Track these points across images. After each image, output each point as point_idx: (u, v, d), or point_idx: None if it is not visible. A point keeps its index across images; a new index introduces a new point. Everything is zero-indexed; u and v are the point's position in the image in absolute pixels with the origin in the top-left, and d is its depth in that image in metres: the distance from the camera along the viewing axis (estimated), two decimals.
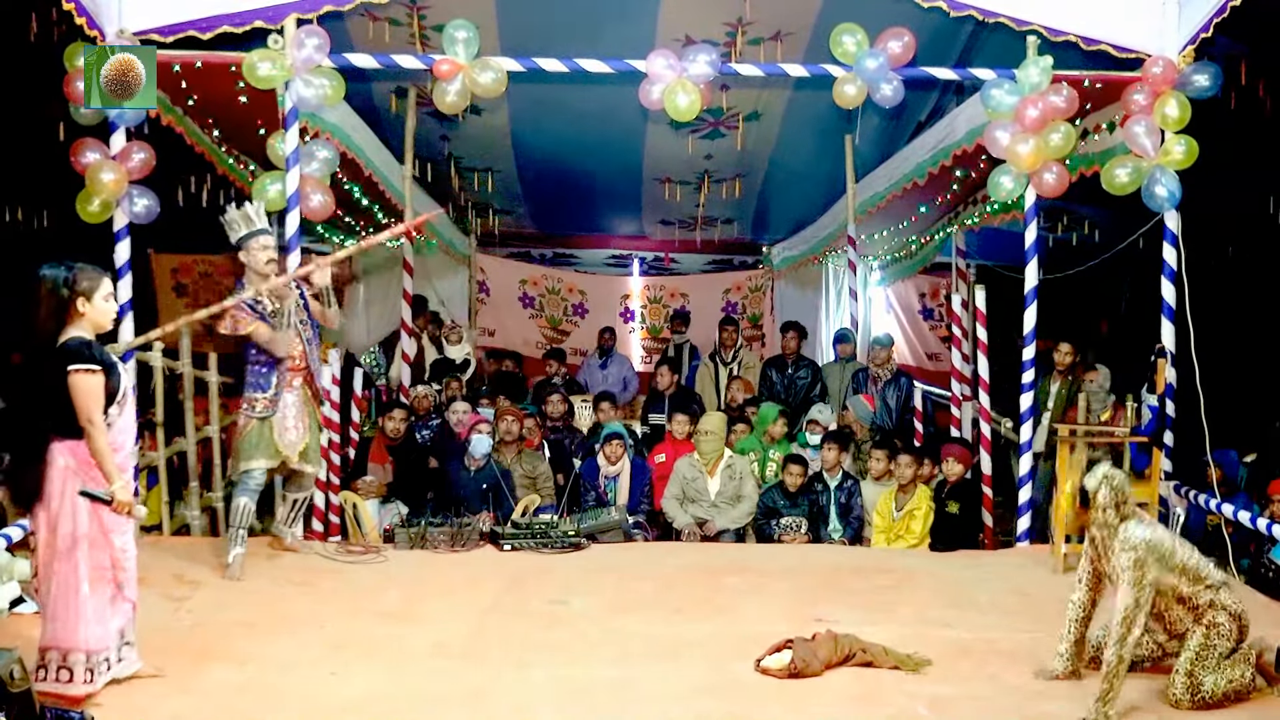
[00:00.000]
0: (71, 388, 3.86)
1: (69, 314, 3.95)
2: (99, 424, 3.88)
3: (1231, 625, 4.33)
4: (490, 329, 13.16)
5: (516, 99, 9.04)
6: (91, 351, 3.92)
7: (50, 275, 3.94)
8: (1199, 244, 6.80)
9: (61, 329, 3.94)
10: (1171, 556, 4.31)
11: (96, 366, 3.90)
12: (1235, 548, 6.48)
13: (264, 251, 5.83)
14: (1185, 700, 4.24)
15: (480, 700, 4.19)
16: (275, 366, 5.90)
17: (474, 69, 6.54)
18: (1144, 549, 4.25)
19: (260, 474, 5.92)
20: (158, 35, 6.34)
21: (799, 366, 9.31)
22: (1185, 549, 4.39)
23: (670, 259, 14.33)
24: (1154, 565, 4.26)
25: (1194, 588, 4.33)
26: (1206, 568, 4.39)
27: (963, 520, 6.95)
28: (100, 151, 6.41)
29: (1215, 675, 4.27)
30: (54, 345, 3.90)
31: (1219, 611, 4.34)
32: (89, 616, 3.98)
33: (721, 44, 8.19)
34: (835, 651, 4.52)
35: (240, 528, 5.81)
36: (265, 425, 5.89)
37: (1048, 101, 6.45)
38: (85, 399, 3.86)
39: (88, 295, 3.97)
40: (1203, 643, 4.32)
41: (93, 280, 4.00)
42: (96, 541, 4.00)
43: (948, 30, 7.56)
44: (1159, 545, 4.28)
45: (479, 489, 7.20)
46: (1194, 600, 4.34)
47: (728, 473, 7.40)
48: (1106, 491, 4.35)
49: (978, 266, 11.70)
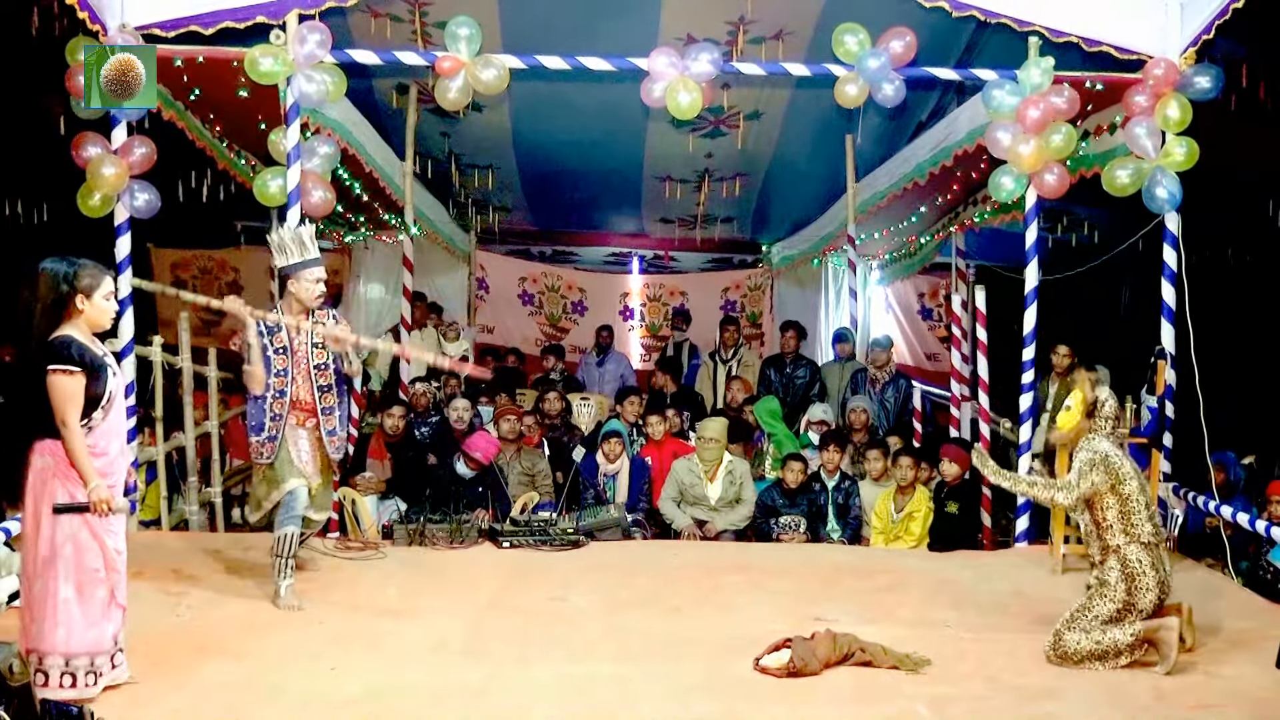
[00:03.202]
0: (49, 387, 3.76)
1: (67, 311, 3.87)
2: (72, 426, 3.77)
3: (1119, 586, 4.61)
4: (489, 326, 13.16)
5: (518, 96, 9.05)
6: (72, 351, 3.79)
7: (51, 270, 3.86)
8: (1199, 246, 6.80)
9: (56, 325, 3.85)
10: (1121, 483, 4.67)
11: (75, 368, 3.78)
12: (1234, 550, 6.49)
13: (316, 285, 5.39)
14: (1050, 654, 4.65)
15: (479, 697, 4.19)
16: (266, 405, 5.39)
17: (476, 66, 6.54)
18: (1096, 457, 4.68)
19: (302, 493, 5.41)
20: (160, 30, 6.33)
21: (798, 366, 9.32)
22: (1137, 490, 4.68)
23: (670, 257, 14.33)
24: (1100, 476, 4.66)
25: (1118, 520, 4.66)
26: (1142, 516, 4.66)
27: (962, 520, 6.95)
28: (101, 146, 6.41)
29: (1080, 634, 4.59)
30: (45, 341, 3.82)
31: (1112, 566, 4.64)
32: (74, 621, 3.86)
33: (723, 42, 8.19)
34: (834, 651, 4.52)
35: (288, 557, 5.31)
36: (281, 457, 5.40)
37: (1049, 102, 6.45)
38: (60, 400, 3.77)
39: (88, 293, 3.89)
40: (1083, 604, 4.68)
41: (94, 277, 3.92)
42: (85, 545, 3.88)
43: (949, 30, 7.56)
44: (1113, 462, 4.67)
45: (477, 485, 7.20)
46: (1105, 534, 4.69)
47: (728, 477, 7.40)
48: (1113, 403, 4.84)
49: (977, 267, 11.71)
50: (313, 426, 5.51)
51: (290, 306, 5.44)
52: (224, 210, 9.85)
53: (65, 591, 3.85)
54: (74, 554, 3.87)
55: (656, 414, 8.03)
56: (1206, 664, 4.64)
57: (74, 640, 3.87)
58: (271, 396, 5.40)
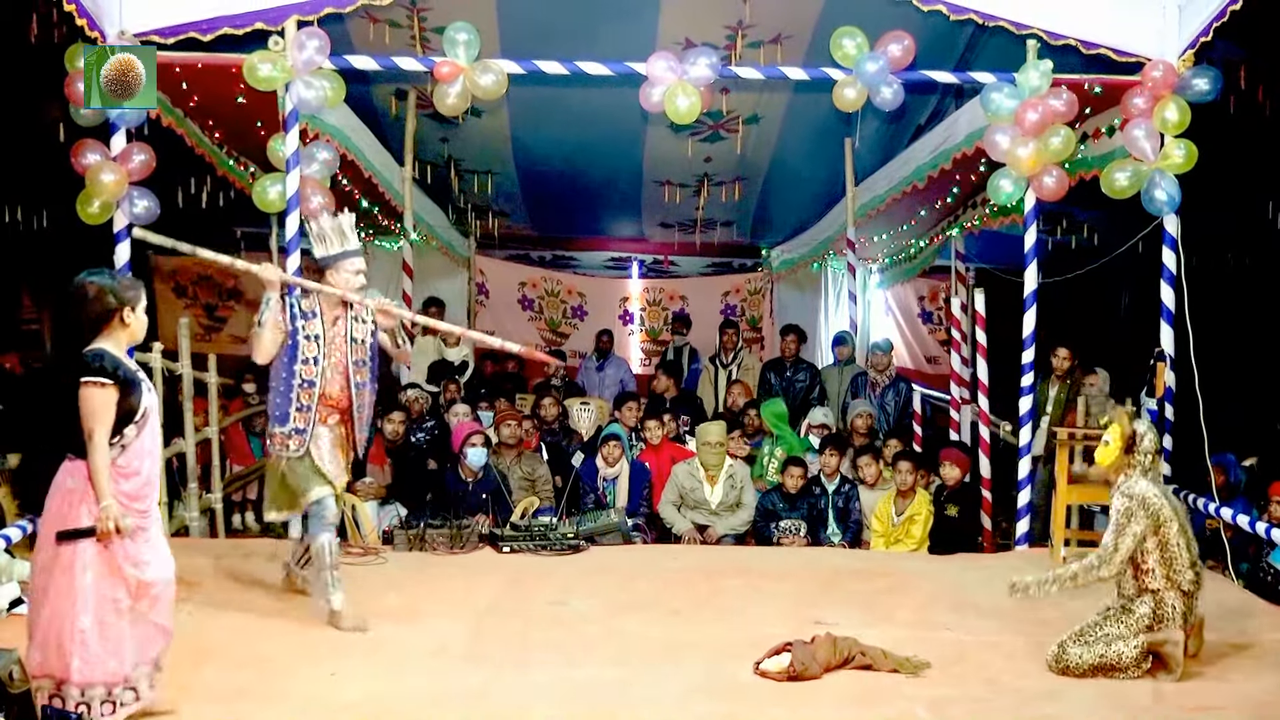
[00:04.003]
0: (80, 400, 3.62)
1: (109, 324, 3.73)
2: (98, 441, 3.61)
3: (1142, 623, 4.52)
4: (489, 331, 13.13)
5: (516, 101, 9.06)
6: (105, 364, 3.66)
7: (97, 282, 3.72)
8: (1198, 248, 6.80)
9: (93, 339, 3.71)
10: (1162, 525, 4.51)
11: (108, 380, 3.64)
12: (1234, 552, 6.48)
13: (356, 276, 5.17)
14: (1053, 665, 4.57)
15: (480, 701, 4.19)
16: (293, 395, 5.10)
17: (474, 71, 6.55)
18: (1136, 500, 4.52)
19: (330, 502, 5.11)
20: (158, 37, 6.34)
21: (798, 369, 9.32)
22: (1177, 532, 4.53)
23: (669, 261, 14.34)
24: (1142, 519, 4.50)
25: (1159, 565, 4.52)
26: (1183, 562, 4.52)
27: (962, 523, 6.95)
28: (100, 153, 6.42)
29: (1084, 648, 4.52)
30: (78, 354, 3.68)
31: (1145, 602, 4.53)
32: (91, 651, 3.67)
33: (722, 47, 8.20)
34: (834, 654, 4.52)
35: (333, 569, 5.03)
36: (304, 460, 5.13)
37: (1047, 105, 6.46)
38: (89, 414, 3.61)
39: (133, 306, 3.78)
40: (1096, 622, 4.59)
41: (136, 290, 3.83)
42: (104, 575, 3.69)
43: (948, 34, 7.58)
44: (1153, 505, 4.51)
45: (479, 494, 7.20)
46: (1145, 578, 4.55)
47: (729, 482, 7.40)
48: (1153, 436, 4.67)
49: (977, 270, 11.72)
50: (335, 423, 5.21)
51: (328, 298, 5.18)
52: (223, 216, 9.86)
53: (83, 621, 3.65)
54: (94, 582, 3.68)
55: (654, 419, 8.03)
56: (1207, 666, 4.63)
57: (92, 670, 3.69)
58: (299, 385, 5.10)
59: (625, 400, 8.58)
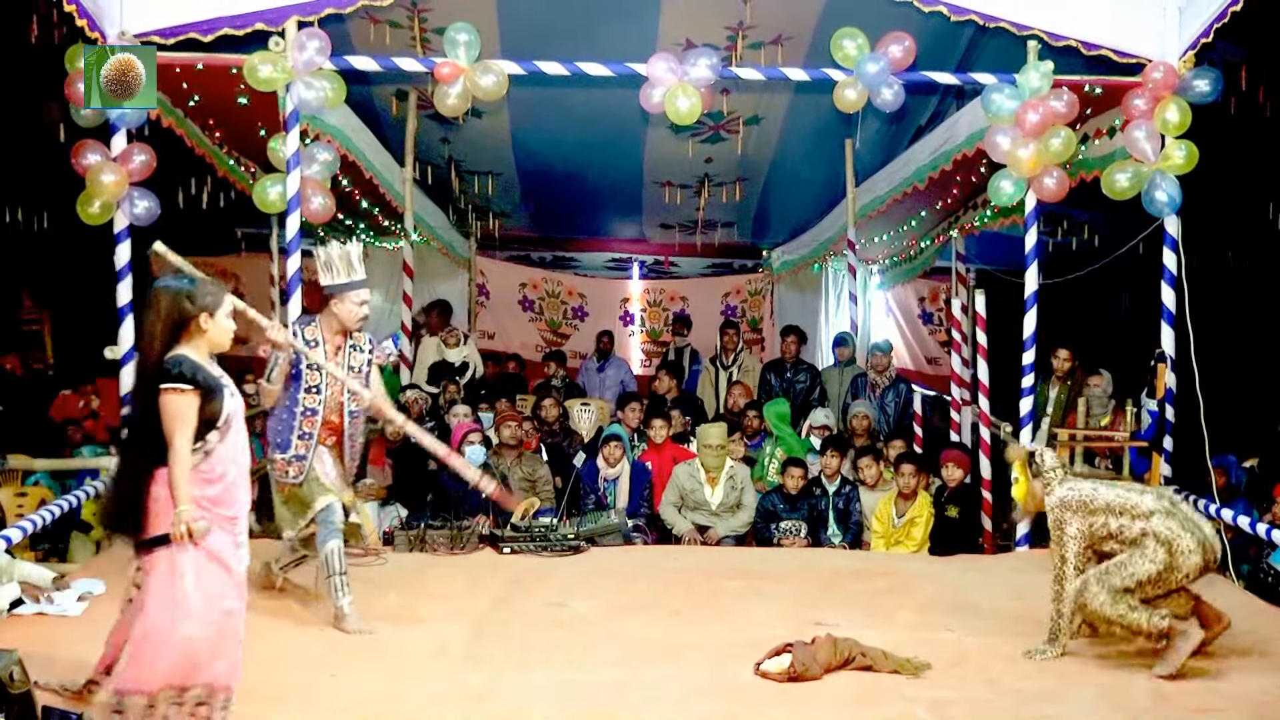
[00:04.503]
0: (161, 407, 3.55)
1: (186, 330, 3.65)
2: (178, 447, 3.54)
3: (1158, 549, 4.52)
4: (490, 332, 13.16)
5: (517, 102, 9.05)
6: (184, 369, 3.58)
7: (172, 288, 3.68)
8: (1199, 249, 6.80)
9: (173, 346, 3.64)
10: (1092, 501, 4.68)
11: (188, 386, 3.56)
12: (1235, 553, 6.48)
13: (361, 308, 5.21)
14: (1070, 599, 4.68)
15: (480, 702, 4.19)
16: (295, 423, 5.20)
17: (475, 72, 6.54)
18: (1058, 508, 4.75)
19: (337, 506, 5.18)
20: (159, 37, 6.33)
21: (798, 370, 9.32)
22: (1111, 490, 4.69)
23: (670, 262, 14.34)
24: (1074, 519, 4.70)
25: (1121, 520, 4.62)
26: (1136, 499, 4.64)
27: (962, 524, 6.95)
28: (101, 153, 6.41)
29: (1108, 595, 4.52)
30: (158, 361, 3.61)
31: (1147, 539, 4.56)
32: (197, 654, 3.56)
33: (722, 48, 8.20)
34: (834, 655, 4.52)
35: (341, 574, 5.06)
36: (310, 479, 5.21)
37: (1048, 106, 6.45)
38: (170, 420, 3.54)
39: (210, 311, 3.69)
40: (1122, 560, 4.59)
41: (216, 295, 3.74)
42: (204, 576, 3.60)
43: (948, 35, 7.57)
44: (1073, 498, 4.71)
45: (478, 494, 7.18)
46: (1124, 534, 4.63)
47: (730, 483, 7.39)
48: (1049, 452, 4.96)
49: (978, 271, 11.72)
50: (333, 444, 5.33)
51: (330, 325, 5.23)
52: (224, 217, 9.87)
53: (189, 626, 3.55)
54: (194, 586, 3.57)
55: (659, 417, 8.03)
56: (1207, 667, 4.63)
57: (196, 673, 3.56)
58: (301, 414, 5.20)
59: (628, 401, 8.58)
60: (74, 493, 6.44)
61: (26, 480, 7.22)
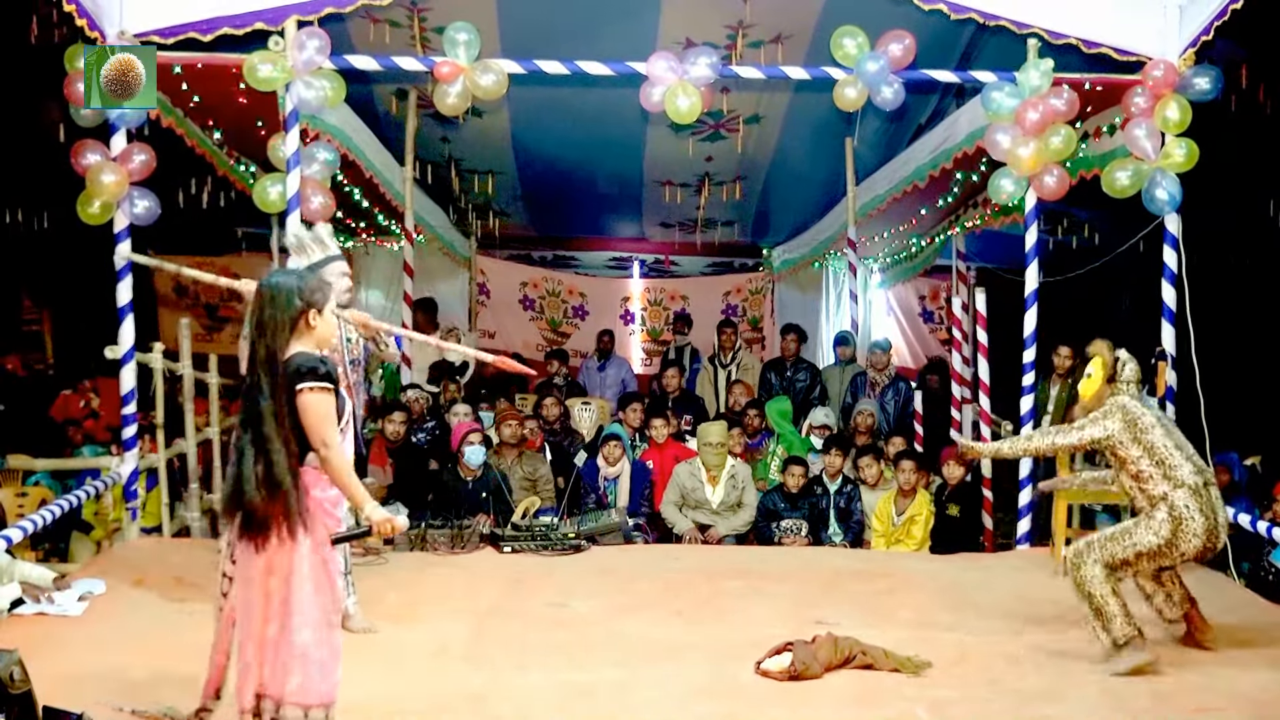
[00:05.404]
0: (302, 409, 3.40)
1: (297, 328, 3.49)
2: (334, 445, 3.46)
3: (1164, 525, 4.50)
4: (490, 331, 13.16)
5: (517, 101, 9.05)
6: (327, 368, 3.49)
7: (282, 284, 3.51)
8: (1199, 247, 6.80)
9: (288, 344, 3.47)
10: (1143, 433, 4.59)
11: (329, 384, 3.46)
12: (1236, 551, 6.47)
13: (342, 279, 5.10)
14: (1069, 558, 4.67)
15: (480, 702, 4.19)
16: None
17: (474, 71, 6.54)
18: (1114, 407, 4.66)
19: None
20: (158, 37, 6.32)
21: (798, 369, 9.32)
22: (1167, 438, 4.61)
23: (670, 261, 14.33)
24: (1117, 426, 4.61)
25: (1152, 469, 4.57)
26: (1179, 462, 4.56)
27: (963, 523, 6.95)
28: (101, 153, 6.40)
29: (1101, 575, 4.53)
30: (279, 361, 3.44)
31: (1161, 507, 4.53)
32: (310, 668, 3.41)
33: (722, 46, 8.19)
34: (835, 654, 4.52)
35: (345, 574, 4.99)
36: None
37: (1048, 104, 6.45)
38: (319, 420, 3.42)
39: (320, 308, 3.55)
40: (1126, 528, 4.59)
41: (324, 291, 3.60)
42: (322, 585, 3.48)
43: (948, 33, 7.56)
44: (1133, 414, 4.62)
45: (478, 493, 7.19)
46: (1147, 485, 4.58)
47: (730, 482, 7.39)
48: (1134, 366, 4.80)
49: (978, 269, 11.71)
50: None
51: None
52: (224, 217, 9.86)
53: (304, 635, 3.42)
54: (313, 594, 3.45)
55: (659, 416, 8.03)
56: (1207, 665, 4.63)
57: (311, 690, 3.42)
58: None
59: (629, 401, 8.58)
60: (74, 493, 6.42)
61: (27, 480, 7.21)
